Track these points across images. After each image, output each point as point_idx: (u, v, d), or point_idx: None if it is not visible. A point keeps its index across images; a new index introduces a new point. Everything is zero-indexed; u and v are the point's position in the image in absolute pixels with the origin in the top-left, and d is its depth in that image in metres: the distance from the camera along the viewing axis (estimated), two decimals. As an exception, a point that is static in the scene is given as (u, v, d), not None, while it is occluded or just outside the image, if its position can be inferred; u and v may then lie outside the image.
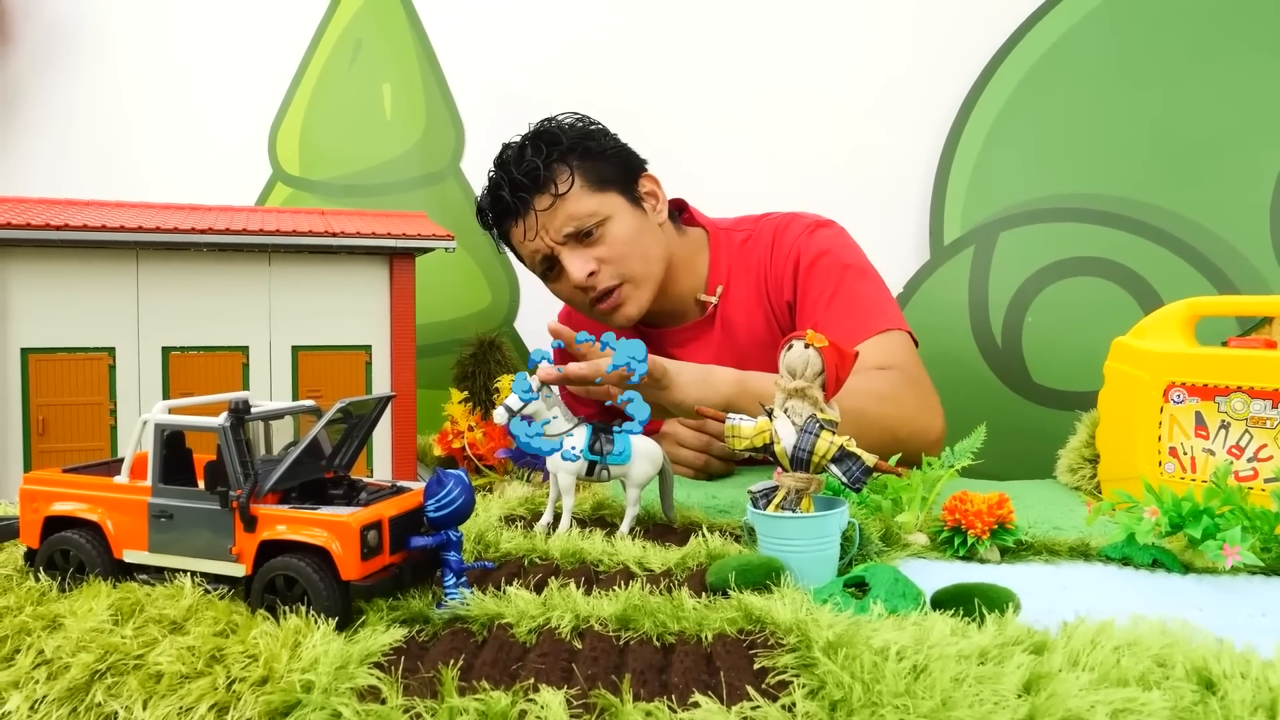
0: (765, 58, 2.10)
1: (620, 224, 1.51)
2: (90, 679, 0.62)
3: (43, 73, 2.46)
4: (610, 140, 1.55)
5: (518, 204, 1.48)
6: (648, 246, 1.55)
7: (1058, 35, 1.90)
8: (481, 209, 1.58)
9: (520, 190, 1.47)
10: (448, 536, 0.76)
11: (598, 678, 0.61)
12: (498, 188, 1.50)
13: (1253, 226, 1.76)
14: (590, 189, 1.49)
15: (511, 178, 1.47)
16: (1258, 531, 0.92)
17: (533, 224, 1.48)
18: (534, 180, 1.46)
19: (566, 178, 1.47)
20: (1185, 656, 0.61)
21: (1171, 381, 1.16)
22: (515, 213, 1.50)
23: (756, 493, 0.89)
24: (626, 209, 1.53)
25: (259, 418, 0.80)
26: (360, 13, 2.31)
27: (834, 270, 1.53)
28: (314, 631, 0.66)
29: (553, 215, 1.47)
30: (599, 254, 1.50)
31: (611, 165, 1.53)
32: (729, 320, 1.63)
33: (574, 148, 1.49)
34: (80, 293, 1.17)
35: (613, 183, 1.52)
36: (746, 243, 1.64)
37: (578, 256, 1.50)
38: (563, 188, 1.46)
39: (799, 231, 1.58)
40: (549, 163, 1.46)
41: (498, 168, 1.52)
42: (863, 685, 0.56)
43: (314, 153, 2.32)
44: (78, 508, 0.80)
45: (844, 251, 1.57)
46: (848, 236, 1.61)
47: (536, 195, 1.47)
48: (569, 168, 1.48)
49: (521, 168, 1.47)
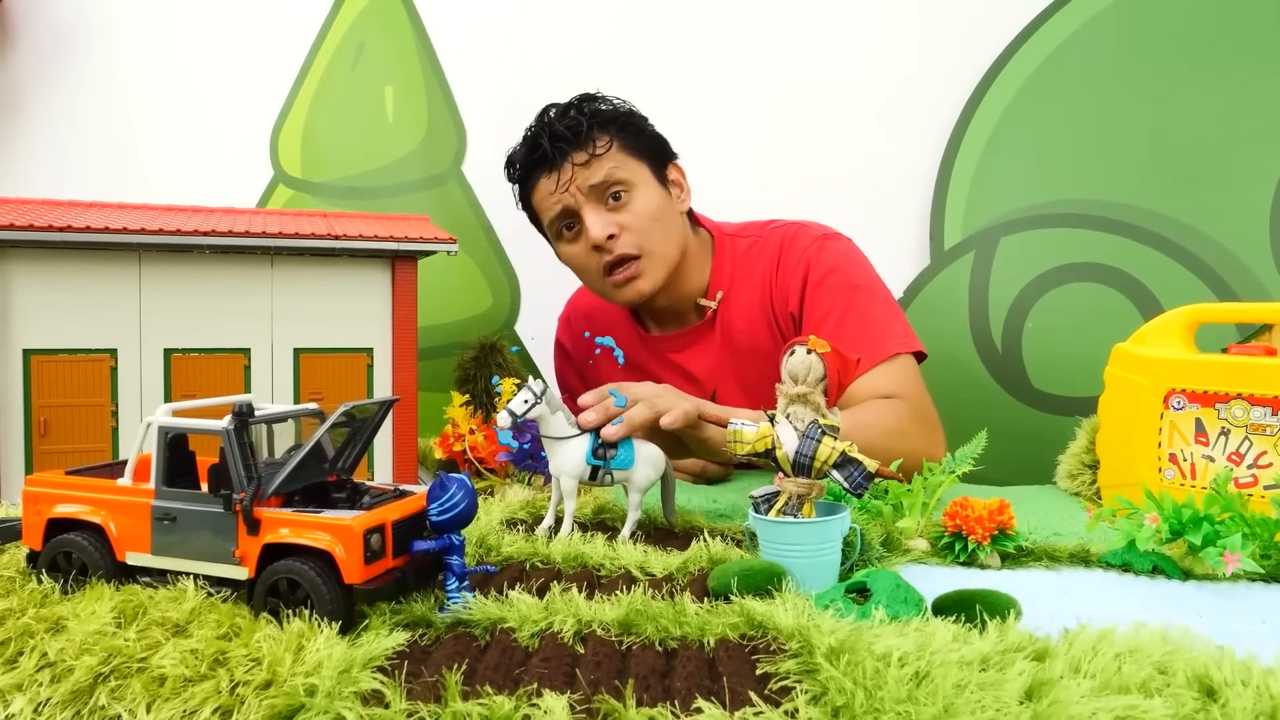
0: (766, 63, 2.10)
1: (647, 196, 1.54)
2: (94, 682, 0.62)
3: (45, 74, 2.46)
4: (649, 124, 1.60)
5: (555, 154, 1.50)
6: (669, 225, 1.57)
7: (1058, 42, 1.91)
8: (512, 160, 1.60)
9: (560, 141, 1.50)
10: (450, 540, 0.76)
11: (600, 683, 0.61)
12: (536, 137, 1.53)
13: (1253, 233, 1.77)
14: (626, 155, 1.53)
15: (553, 129, 1.51)
16: (1258, 538, 0.92)
17: (566, 178, 1.51)
18: (575, 135, 1.50)
19: (605, 141, 1.51)
20: (1186, 664, 0.61)
21: (1172, 388, 1.16)
22: (549, 162, 1.52)
23: (758, 498, 0.89)
24: (655, 185, 1.56)
25: (263, 421, 0.80)
26: (362, 15, 2.31)
27: (843, 289, 1.52)
28: (317, 635, 0.66)
29: (586, 170, 1.50)
30: (622, 219, 1.52)
31: (647, 141, 1.58)
32: (729, 327, 1.62)
33: (616, 118, 1.54)
34: (82, 294, 1.17)
35: (646, 157, 1.56)
36: (751, 250, 1.64)
37: (600, 216, 1.51)
38: (600, 149, 1.50)
39: (807, 244, 1.58)
40: (591, 124, 1.51)
41: (538, 121, 1.55)
42: (865, 691, 0.57)
43: (316, 155, 2.32)
44: (81, 510, 0.80)
45: (853, 269, 1.56)
46: (856, 250, 1.61)
47: (574, 150, 1.50)
48: (609, 134, 1.52)
49: (564, 121, 1.51)
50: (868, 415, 1.36)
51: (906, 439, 1.36)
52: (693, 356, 1.65)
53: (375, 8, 2.30)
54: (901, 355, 1.47)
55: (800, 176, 2.07)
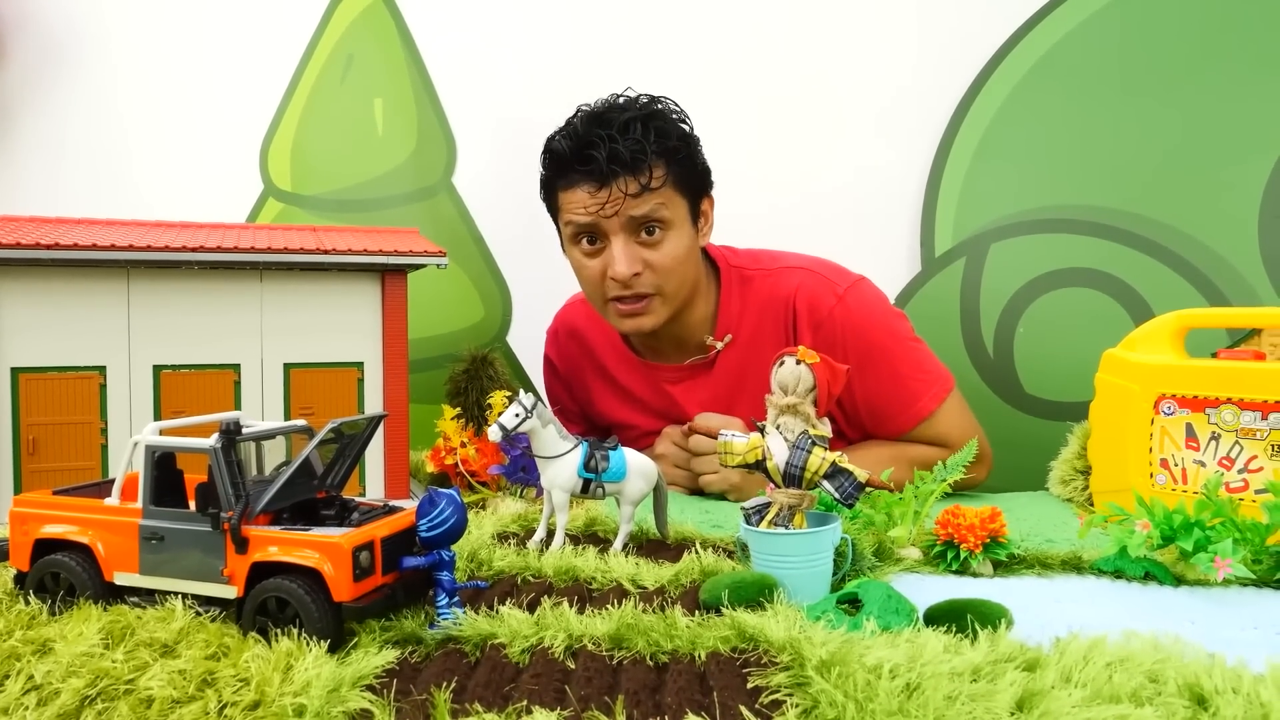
0: (756, 69, 2.11)
1: (679, 239, 1.48)
2: (80, 705, 0.62)
3: (35, 89, 2.45)
4: (702, 153, 1.53)
5: (609, 173, 1.41)
6: (689, 269, 1.52)
7: (1047, 47, 1.92)
8: (555, 151, 1.48)
9: (616, 163, 1.40)
10: (440, 556, 0.76)
11: (591, 698, 0.60)
12: (589, 145, 1.42)
13: (1242, 238, 1.77)
14: (674, 192, 1.47)
15: (613, 147, 1.40)
16: (1249, 543, 0.92)
17: (612, 201, 1.42)
18: (636, 160, 1.41)
19: (662, 174, 1.43)
20: (1177, 672, 0.61)
21: (1162, 393, 1.17)
22: (598, 178, 1.42)
23: (749, 509, 0.89)
24: (688, 225, 1.51)
25: (250, 438, 0.80)
26: (352, 28, 2.31)
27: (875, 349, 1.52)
28: (306, 654, 0.65)
29: (634, 202, 1.42)
30: (649, 257, 1.46)
31: (697, 179, 1.52)
32: (730, 369, 1.59)
33: (678, 150, 1.46)
34: (71, 311, 1.16)
35: (690, 194, 1.50)
36: (760, 287, 1.59)
37: (629, 250, 1.45)
38: (655, 183, 1.42)
39: (830, 303, 1.53)
40: (653, 152, 1.42)
41: (596, 124, 1.43)
42: (856, 704, 0.56)
43: (306, 168, 2.32)
44: (68, 530, 0.80)
45: (880, 323, 1.55)
46: (876, 295, 1.59)
47: (628, 176, 1.41)
48: (665, 165, 1.44)
49: (629, 143, 1.40)
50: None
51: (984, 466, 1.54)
52: (690, 389, 1.62)
53: (364, 20, 2.30)
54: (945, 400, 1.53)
55: (791, 186, 2.07)
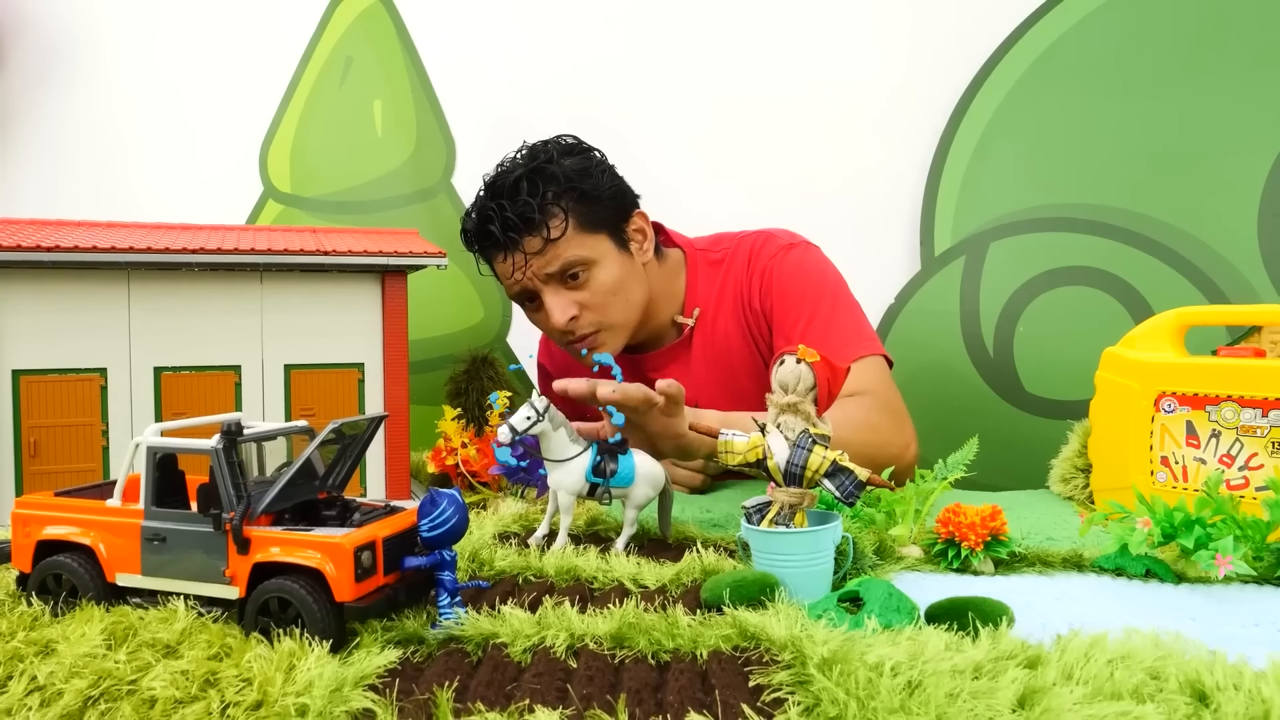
0: (754, 70, 2.11)
1: (606, 271, 1.48)
2: (83, 706, 0.62)
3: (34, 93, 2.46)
4: (606, 179, 1.50)
5: (508, 242, 1.44)
6: (630, 292, 1.52)
7: (1046, 45, 1.92)
8: (467, 231, 1.52)
9: (511, 230, 1.42)
10: (442, 556, 0.76)
11: (593, 697, 0.61)
12: (487, 220, 1.45)
13: (1241, 235, 1.77)
14: (582, 233, 1.45)
15: (503, 216, 1.42)
16: (1249, 541, 0.92)
17: (520, 263, 1.45)
18: (527, 222, 1.42)
19: (560, 222, 1.43)
20: (1178, 669, 0.61)
21: (1162, 391, 1.17)
22: (503, 248, 1.46)
23: (750, 508, 0.89)
24: (614, 254, 1.50)
25: (251, 439, 0.80)
26: (350, 30, 2.31)
27: (807, 297, 1.52)
28: (308, 654, 0.65)
29: (541, 258, 1.44)
30: (581, 299, 1.47)
31: (605, 208, 1.49)
32: (706, 343, 1.61)
33: (571, 189, 1.44)
34: (71, 314, 1.16)
35: (604, 225, 1.49)
36: (722, 263, 1.62)
37: (560, 299, 1.47)
38: (555, 233, 1.42)
39: (773, 252, 1.57)
40: (543, 205, 1.42)
41: (490, 195, 1.46)
42: (857, 702, 0.56)
43: (305, 170, 2.32)
44: (70, 531, 0.80)
45: (817, 275, 1.56)
46: (821, 256, 1.60)
47: (527, 236, 1.43)
48: (563, 211, 1.43)
49: (515, 207, 1.42)
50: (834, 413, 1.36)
51: (876, 431, 1.36)
52: (672, 373, 1.61)
53: (363, 22, 2.30)
54: (869, 356, 1.47)
55: (789, 187, 2.07)
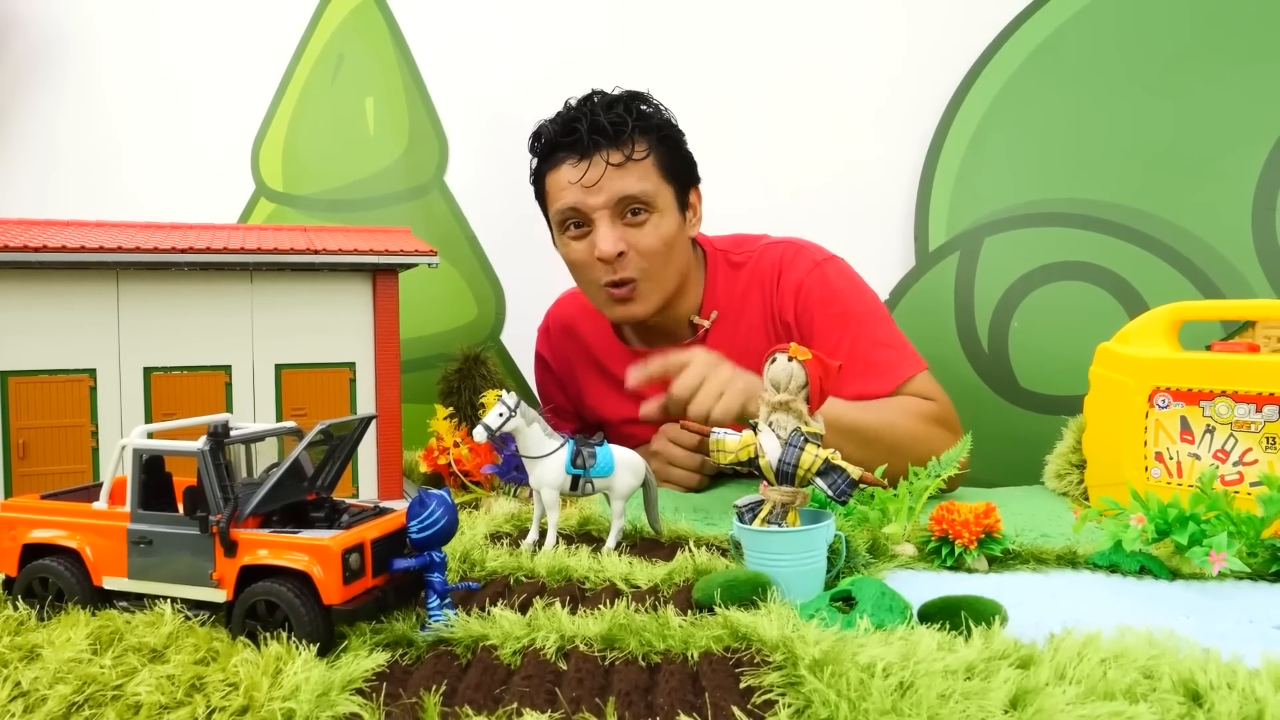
0: (748, 65, 2.10)
1: (665, 223, 1.49)
2: (68, 711, 0.61)
3: (24, 91, 2.44)
4: (685, 141, 1.56)
5: (591, 144, 1.44)
6: (676, 256, 1.54)
7: (1040, 40, 1.91)
8: (540, 133, 1.52)
9: (598, 133, 1.43)
10: (431, 557, 0.75)
11: (582, 700, 0.60)
12: (574, 119, 1.45)
13: (1236, 229, 1.77)
14: (658, 172, 1.48)
15: (595, 119, 1.44)
16: (1243, 536, 0.92)
17: (595, 174, 1.44)
18: (617, 132, 1.44)
19: (645, 149, 1.46)
20: (1172, 668, 0.60)
21: (1156, 386, 1.16)
22: (582, 151, 1.45)
23: (742, 507, 0.89)
24: (674, 211, 1.52)
25: (239, 441, 0.79)
26: (342, 27, 2.30)
27: (851, 316, 1.52)
28: (295, 658, 0.65)
29: (617, 175, 1.44)
30: (634, 239, 1.47)
31: (682, 163, 1.53)
32: (724, 347, 1.57)
33: (662, 128, 1.49)
34: (60, 314, 1.15)
35: (675, 179, 1.52)
36: (744, 269, 1.62)
37: (614, 231, 1.46)
38: (639, 154, 1.45)
39: (807, 267, 1.56)
40: (635, 128, 1.45)
41: (580, 104, 1.48)
42: (849, 703, 0.56)
43: (297, 168, 2.31)
44: (56, 535, 0.79)
45: (855, 292, 1.56)
46: (852, 270, 1.60)
47: (611, 148, 1.44)
48: (650, 143, 1.46)
49: (610, 115, 1.44)
50: (893, 412, 1.37)
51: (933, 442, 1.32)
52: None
53: (355, 19, 2.29)
54: (920, 373, 1.48)
55: (784, 181, 2.07)
